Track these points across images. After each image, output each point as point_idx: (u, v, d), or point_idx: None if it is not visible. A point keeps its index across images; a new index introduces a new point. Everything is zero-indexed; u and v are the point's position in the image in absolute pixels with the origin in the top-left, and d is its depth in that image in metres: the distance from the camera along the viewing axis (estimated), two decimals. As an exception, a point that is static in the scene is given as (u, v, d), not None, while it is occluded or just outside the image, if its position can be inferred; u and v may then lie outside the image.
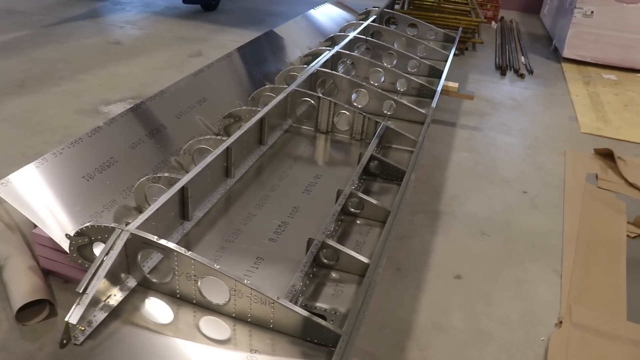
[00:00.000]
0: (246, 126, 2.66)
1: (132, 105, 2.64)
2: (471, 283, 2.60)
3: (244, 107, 2.94)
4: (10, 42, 5.48)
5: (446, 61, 4.38)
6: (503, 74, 5.84)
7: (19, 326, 2.06)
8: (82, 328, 1.60)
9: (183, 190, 2.13)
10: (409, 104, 3.43)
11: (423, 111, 3.37)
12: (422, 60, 4.29)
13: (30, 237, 2.43)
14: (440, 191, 3.38)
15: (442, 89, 3.95)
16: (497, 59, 6.27)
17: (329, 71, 3.49)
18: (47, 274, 2.29)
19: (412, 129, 3.21)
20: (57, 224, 1.99)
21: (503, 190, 3.47)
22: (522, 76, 5.80)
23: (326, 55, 3.78)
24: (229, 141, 2.48)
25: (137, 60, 5.23)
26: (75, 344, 1.59)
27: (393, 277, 2.58)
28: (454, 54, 6.06)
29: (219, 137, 2.58)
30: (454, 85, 4.26)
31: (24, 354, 1.97)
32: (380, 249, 2.03)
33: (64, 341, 1.57)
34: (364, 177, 2.72)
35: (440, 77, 4.02)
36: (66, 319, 1.55)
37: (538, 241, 3.00)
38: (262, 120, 2.84)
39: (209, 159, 2.32)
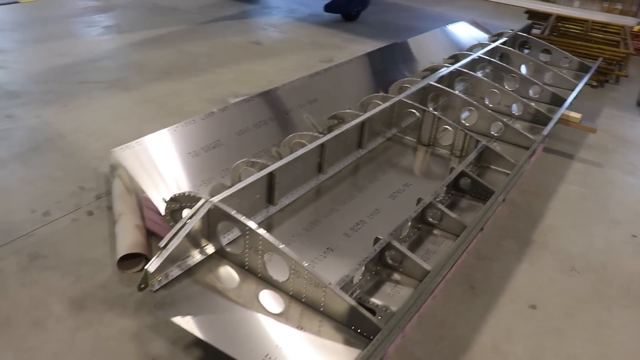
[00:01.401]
0: (344, 128, 2.80)
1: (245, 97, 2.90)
2: (546, 315, 2.52)
3: (349, 110, 3.09)
4: (167, 36, 6.13)
5: (573, 90, 4.21)
6: (644, 111, 5.42)
7: (119, 273, 2.38)
8: (159, 278, 1.84)
9: (271, 175, 2.33)
10: (519, 129, 3.37)
11: (532, 137, 3.30)
12: (546, 87, 4.16)
13: (142, 199, 2.77)
14: (538, 220, 3.27)
15: (561, 118, 3.82)
16: (641, 96, 5.83)
17: (442, 87, 3.53)
18: (150, 234, 2.60)
19: (518, 154, 3.17)
20: (161, 190, 2.27)
21: (609, 231, 3.28)
22: (666, 117, 5.35)
23: (443, 71, 3.82)
24: (324, 139, 2.64)
25: (271, 61, 5.60)
26: (150, 290, 1.83)
27: (465, 294, 2.57)
28: (591, 86, 5.78)
29: (317, 134, 2.75)
30: (575, 115, 4.08)
31: (117, 295, 2.27)
32: (445, 259, 2.07)
33: (142, 286, 1.81)
34: (452, 192, 2.74)
35: (562, 106, 3.89)
36: (146, 267, 1.80)
37: (636, 288, 2.81)
38: (362, 124, 2.97)
39: (300, 152, 2.50)
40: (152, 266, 1.80)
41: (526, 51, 5.20)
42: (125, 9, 7.30)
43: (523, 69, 4.55)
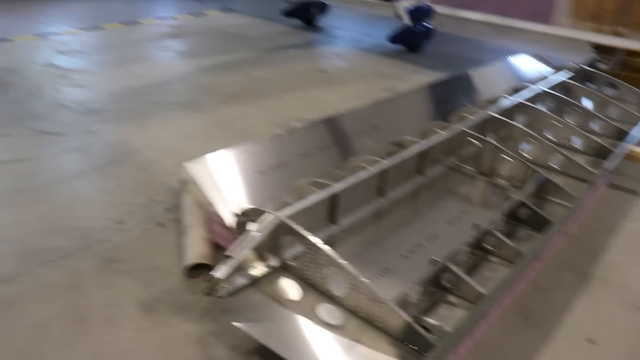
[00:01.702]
0: (405, 154, 2.89)
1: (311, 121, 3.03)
2: (605, 351, 2.48)
3: (410, 138, 3.16)
4: (236, 62, 6.42)
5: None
6: None
7: (186, 281, 2.52)
8: (224, 285, 1.96)
9: (334, 196, 2.43)
10: (581, 162, 3.36)
11: (594, 171, 3.27)
12: (611, 121, 4.11)
13: (209, 212, 2.93)
14: (599, 255, 3.22)
15: (627, 154, 3.77)
16: None
17: (502, 118, 3.57)
18: (216, 247, 2.74)
19: (580, 188, 3.15)
20: (228, 204, 2.41)
21: (676, 270, 3.19)
22: None
23: (504, 102, 3.85)
24: (385, 164, 2.73)
25: (335, 88, 5.77)
26: (216, 296, 1.95)
27: (521, 324, 2.57)
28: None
29: (379, 159, 2.84)
30: (642, 151, 4.00)
31: (184, 302, 2.41)
32: (500, 285, 2.10)
33: (209, 291, 1.93)
34: (510, 221, 2.76)
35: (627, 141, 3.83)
36: (213, 274, 1.92)
37: (703, 330, 2.72)
38: (422, 152, 3.04)
39: (362, 175, 2.59)
40: (218, 273, 1.92)
41: (591, 85, 5.14)
42: (197, 36, 7.70)
43: (587, 103, 4.51)
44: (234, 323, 1.88)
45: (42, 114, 4.55)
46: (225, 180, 2.47)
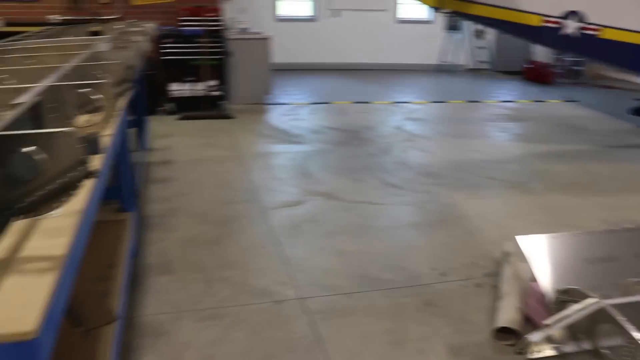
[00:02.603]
0: None
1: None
2: None
3: None
4: (572, 152, 6.41)
5: None
6: None
7: (493, 340, 2.75)
8: (536, 349, 2.14)
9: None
10: None
11: None
12: None
13: (527, 286, 3.11)
14: None
15: None
16: None
17: None
18: (527, 319, 2.91)
19: None
20: (550, 282, 2.58)
21: None
22: None
23: None
24: None
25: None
26: (526, 357, 2.14)
27: None
28: None
29: None
30: None
31: (486, 356, 2.62)
32: None
33: (519, 351, 2.14)
34: None
35: None
36: (527, 336, 2.13)
37: None
38: None
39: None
40: (534, 337, 2.12)
41: None
42: (535, 122, 7.91)
43: None
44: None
45: (389, 169, 5.37)
46: (552, 260, 2.64)
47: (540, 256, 2.65)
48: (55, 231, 1.27)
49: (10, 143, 1.02)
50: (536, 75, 11.60)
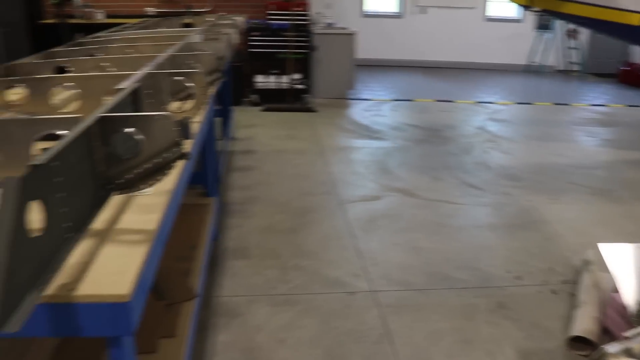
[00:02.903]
0: None
1: None
2: None
3: None
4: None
5: None
6: None
7: (565, 348, 2.67)
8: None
9: None
10: None
11: None
12: None
13: (607, 296, 2.99)
14: None
15: None
16: None
17: None
18: (604, 330, 2.80)
19: None
20: (632, 293, 2.47)
21: None
22: None
23: None
24: None
25: None
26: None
27: None
28: None
29: None
30: None
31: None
32: None
33: (596, 360, 2.08)
34: None
35: None
36: (604, 346, 2.06)
37: None
38: None
39: None
40: (612, 348, 2.05)
41: None
42: (627, 128, 7.50)
43: None
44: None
45: (469, 169, 5.28)
46: (637, 271, 2.53)
47: (624, 266, 2.55)
48: (148, 207, 1.38)
49: (113, 124, 1.13)
50: (633, 78, 10.96)
